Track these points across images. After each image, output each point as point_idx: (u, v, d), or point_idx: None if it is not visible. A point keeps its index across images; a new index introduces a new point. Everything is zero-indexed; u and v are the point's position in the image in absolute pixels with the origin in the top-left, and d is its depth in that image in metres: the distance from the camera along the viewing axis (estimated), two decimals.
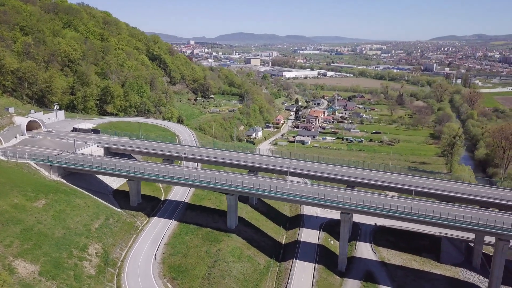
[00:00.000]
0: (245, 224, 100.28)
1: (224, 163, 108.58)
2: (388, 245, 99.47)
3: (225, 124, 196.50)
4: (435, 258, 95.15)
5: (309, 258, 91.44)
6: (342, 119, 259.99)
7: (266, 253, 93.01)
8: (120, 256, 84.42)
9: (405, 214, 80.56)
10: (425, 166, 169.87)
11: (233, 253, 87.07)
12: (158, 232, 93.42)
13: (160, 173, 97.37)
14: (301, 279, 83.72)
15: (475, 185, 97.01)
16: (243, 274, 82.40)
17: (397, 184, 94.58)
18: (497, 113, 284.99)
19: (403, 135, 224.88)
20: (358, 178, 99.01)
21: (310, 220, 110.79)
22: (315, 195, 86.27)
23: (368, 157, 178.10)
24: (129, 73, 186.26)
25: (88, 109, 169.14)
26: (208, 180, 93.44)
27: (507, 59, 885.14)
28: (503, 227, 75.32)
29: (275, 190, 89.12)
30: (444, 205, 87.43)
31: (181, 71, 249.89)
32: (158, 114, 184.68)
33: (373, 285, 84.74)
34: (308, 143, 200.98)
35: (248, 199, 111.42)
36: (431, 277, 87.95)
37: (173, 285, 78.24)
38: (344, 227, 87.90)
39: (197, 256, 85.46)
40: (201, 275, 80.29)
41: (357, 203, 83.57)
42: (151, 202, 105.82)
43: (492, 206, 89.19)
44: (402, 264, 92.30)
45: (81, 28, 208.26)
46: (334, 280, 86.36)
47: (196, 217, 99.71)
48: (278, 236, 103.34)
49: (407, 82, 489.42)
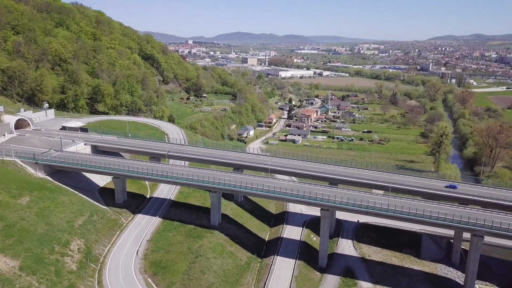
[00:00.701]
0: (228, 221, 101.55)
1: (209, 161, 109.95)
2: (370, 242, 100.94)
3: (217, 123, 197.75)
4: (415, 254, 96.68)
5: (291, 254, 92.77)
6: (334, 118, 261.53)
7: (249, 249, 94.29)
8: (102, 252, 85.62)
9: (382, 210, 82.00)
10: (414, 164, 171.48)
11: (214, 249, 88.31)
12: (142, 228, 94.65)
13: (144, 170, 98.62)
14: (281, 274, 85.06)
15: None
16: (224, 269, 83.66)
17: (377, 181, 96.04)
18: (489, 112, 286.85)
19: (394, 134, 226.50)
20: (340, 175, 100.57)
21: (295, 217, 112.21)
22: (295, 192, 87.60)
23: (357, 156, 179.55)
24: (121, 72, 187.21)
25: (79, 108, 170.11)
26: (191, 178, 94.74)
27: (503, 59, 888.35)
28: (476, 223, 76.88)
29: (256, 187, 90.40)
30: (423, 202, 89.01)
31: (174, 70, 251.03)
32: (149, 113, 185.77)
33: (352, 280, 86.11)
34: (299, 142, 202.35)
35: (233, 197, 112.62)
36: (410, 272, 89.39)
37: (153, 280, 79.48)
38: (324, 223, 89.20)
39: (179, 252, 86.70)
40: (182, 270, 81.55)
41: (335, 200, 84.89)
42: (136, 200, 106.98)
43: (470, 203, 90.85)
44: (382, 260, 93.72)
45: (74, 28, 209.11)
46: (314, 276, 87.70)
47: (180, 214, 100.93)
48: (262, 233, 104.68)
49: (402, 81, 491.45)
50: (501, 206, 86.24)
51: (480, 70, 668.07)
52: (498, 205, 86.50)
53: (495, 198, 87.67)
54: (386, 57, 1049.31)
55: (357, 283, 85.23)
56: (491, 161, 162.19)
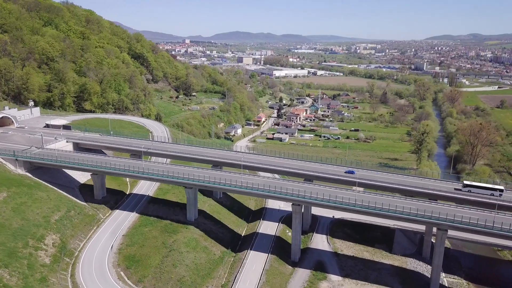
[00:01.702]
0: (205, 217, 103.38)
1: (188, 158, 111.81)
2: (344, 237, 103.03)
3: (204, 121, 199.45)
4: (387, 249, 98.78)
5: (264, 248, 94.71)
6: (323, 117, 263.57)
7: (223, 244, 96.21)
8: (78, 246, 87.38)
9: (349, 205, 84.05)
10: (397, 162, 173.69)
11: (188, 243, 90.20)
12: (119, 224, 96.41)
13: (122, 167, 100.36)
14: (252, 268, 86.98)
15: (425, 179, 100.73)
16: (196, 263, 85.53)
17: (347, 177, 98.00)
18: (478, 111, 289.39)
19: (381, 132, 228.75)
20: (314, 172, 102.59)
21: (272, 213, 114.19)
22: (267, 188, 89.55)
23: (341, 154, 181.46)
24: (108, 71, 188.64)
25: (66, 106, 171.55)
26: (167, 174, 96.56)
27: (498, 58, 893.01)
28: (439, 217, 79.00)
29: (229, 183, 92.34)
30: (396, 198, 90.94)
31: (164, 69, 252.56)
32: (136, 111, 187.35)
33: (322, 274, 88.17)
34: (286, 140, 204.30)
35: (212, 193, 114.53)
36: (379, 266, 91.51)
37: (126, 273, 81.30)
38: (296, 218, 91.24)
39: (153, 247, 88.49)
40: (155, 264, 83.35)
41: (305, 195, 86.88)
42: (116, 196, 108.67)
43: (439, 198, 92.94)
44: (354, 254, 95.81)
45: (62, 26, 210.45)
46: (285, 270, 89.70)
47: (158, 210, 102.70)
48: (239, 228, 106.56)
49: (395, 81, 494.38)
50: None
51: (474, 70, 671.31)
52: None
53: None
54: (382, 56, 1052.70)
55: (327, 277, 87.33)
56: (472, 159, 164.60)
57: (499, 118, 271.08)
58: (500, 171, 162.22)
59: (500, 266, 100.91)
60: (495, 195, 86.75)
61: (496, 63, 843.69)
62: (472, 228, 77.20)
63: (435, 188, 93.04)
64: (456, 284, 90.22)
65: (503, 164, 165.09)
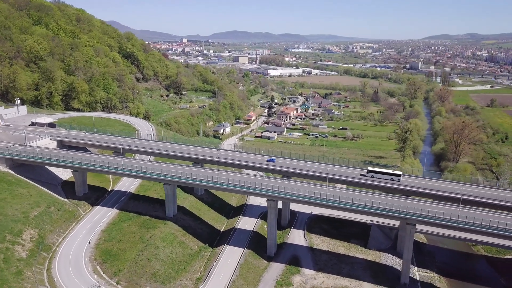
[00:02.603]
0: (184, 213, 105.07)
1: (168, 155, 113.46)
2: (321, 232, 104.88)
3: (192, 119, 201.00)
4: (363, 244, 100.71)
5: (241, 243, 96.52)
6: (313, 115, 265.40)
7: (201, 239, 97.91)
8: (56, 241, 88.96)
9: (321, 200, 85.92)
10: (382, 160, 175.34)
11: (165, 238, 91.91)
12: (98, 219, 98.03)
13: (103, 164, 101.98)
14: (227, 262, 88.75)
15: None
16: (172, 257, 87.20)
17: (322, 173, 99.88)
18: (467, 110, 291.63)
19: (369, 131, 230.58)
20: (292, 168, 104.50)
21: (252, 209, 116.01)
22: (242, 184, 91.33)
23: (328, 152, 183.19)
24: (97, 70, 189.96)
25: (54, 105, 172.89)
26: (145, 171, 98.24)
27: (493, 57, 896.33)
28: (406, 211, 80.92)
29: (206, 179, 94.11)
30: (371, 194, 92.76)
31: (154, 68, 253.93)
32: (125, 109, 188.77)
33: (296, 268, 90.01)
34: (274, 138, 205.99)
35: (193, 190, 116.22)
36: (353, 260, 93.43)
37: (101, 267, 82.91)
38: (271, 213, 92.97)
39: (130, 242, 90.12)
40: (130, 258, 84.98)
41: (278, 190, 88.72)
42: (97, 192, 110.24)
43: (413, 194, 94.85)
44: (329, 249, 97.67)
45: (52, 25, 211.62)
46: (260, 264, 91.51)
47: (138, 206, 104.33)
48: (218, 224, 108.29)
49: (389, 80, 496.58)
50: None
51: (468, 69, 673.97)
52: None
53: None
54: (379, 56, 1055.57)
55: (300, 270, 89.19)
56: (456, 156, 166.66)
57: (488, 117, 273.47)
58: (483, 169, 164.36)
59: (472, 260, 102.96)
60: (394, 179, 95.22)
61: (491, 62, 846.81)
62: (438, 222, 79.13)
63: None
64: (427, 278, 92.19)
65: (486, 162, 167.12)
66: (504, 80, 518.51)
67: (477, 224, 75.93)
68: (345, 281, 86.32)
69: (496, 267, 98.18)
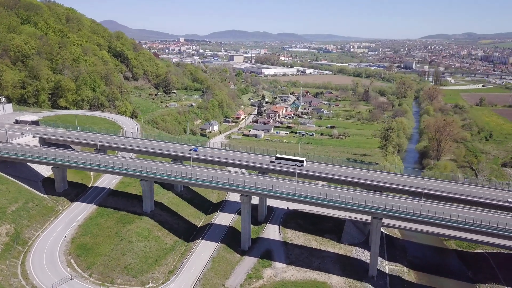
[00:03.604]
0: (162, 209, 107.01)
1: (148, 152, 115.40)
2: (296, 227, 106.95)
3: (180, 118, 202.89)
4: (336, 238, 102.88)
5: (216, 238, 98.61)
6: (303, 114, 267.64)
7: (177, 234, 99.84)
8: (33, 236, 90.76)
9: (290, 195, 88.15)
10: (365, 157, 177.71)
11: (140, 233, 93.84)
12: (76, 215, 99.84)
13: (82, 160, 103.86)
14: (200, 256, 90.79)
15: (372, 171, 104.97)
16: (145, 251, 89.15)
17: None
18: (456, 109, 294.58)
19: (357, 129, 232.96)
20: (267, 165, 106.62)
21: (231, 205, 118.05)
22: (215, 179, 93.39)
23: (313, 150, 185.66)
24: (85, 68, 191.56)
25: (41, 103, 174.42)
26: (121, 167, 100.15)
27: (488, 57, 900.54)
28: (372, 205, 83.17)
29: (180, 175, 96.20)
30: (343, 189, 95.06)
31: (144, 67, 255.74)
32: (112, 108, 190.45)
33: (268, 261, 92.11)
34: (261, 136, 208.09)
35: (173, 186, 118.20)
36: (324, 254, 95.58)
37: (76, 261, 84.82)
38: (244, 208, 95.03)
39: (106, 236, 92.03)
40: (105, 252, 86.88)
41: (250, 186, 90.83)
42: (77, 189, 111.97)
43: (384, 190, 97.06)
44: (302, 243, 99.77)
45: (41, 24, 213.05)
46: (233, 257, 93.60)
47: (116, 202, 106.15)
48: (196, 219, 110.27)
49: (382, 79, 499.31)
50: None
51: (462, 68, 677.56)
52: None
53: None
54: (375, 55, 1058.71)
55: (272, 264, 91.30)
56: (437, 154, 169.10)
57: (476, 116, 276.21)
58: (464, 166, 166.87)
59: (444, 254, 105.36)
60: (298, 165, 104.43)
61: (486, 61, 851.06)
62: (402, 216, 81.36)
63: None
64: (396, 271, 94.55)
65: (467, 159, 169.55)
66: (496, 79, 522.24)
67: (438, 218, 78.24)
68: (315, 274, 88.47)
69: (465, 261, 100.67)
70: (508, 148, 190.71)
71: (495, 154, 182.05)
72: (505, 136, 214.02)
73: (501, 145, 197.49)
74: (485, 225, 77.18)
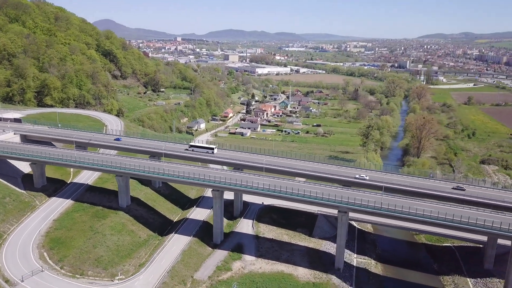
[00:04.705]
0: (138, 204, 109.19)
1: (126, 149, 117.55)
2: (269, 222, 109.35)
3: (166, 116, 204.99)
4: (308, 232, 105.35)
5: (189, 232, 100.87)
6: (291, 113, 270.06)
7: (152, 228, 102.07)
8: (8, 230, 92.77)
9: (258, 189, 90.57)
10: (347, 155, 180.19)
11: (114, 227, 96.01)
12: (52, 210, 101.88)
13: (59, 157, 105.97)
14: (171, 249, 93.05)
15: (342, 167, 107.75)
16: (118, 245, 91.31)
17: (272, 165, 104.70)
18: (443, 107, 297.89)
19: (343, 127, 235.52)
20: (242, 161, 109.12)
21: (207, 201, 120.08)
22: (186, 175, 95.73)
23: (296, 147, 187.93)
24: (72, 67, 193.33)
25: (27, 101, 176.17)
26: (97, 163, 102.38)
27: (483, 57, 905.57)
28: (335, 199, 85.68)
29: (153, 171, 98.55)
30: (312, 185, 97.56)
31: (133, 66, 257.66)
32: (99, 106, 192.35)
33: (238, 254, 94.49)
34: (247, 134, 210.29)
35: (151, 182, 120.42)
36: (294, 247, 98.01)
37: (48, 254, 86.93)
38: (216, 203, 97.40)
39: (80, 230, 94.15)
40: (77, 245, 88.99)
41: (221, 181, 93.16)
42: (55, 184, 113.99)
43: (353, 185, 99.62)
44: (273, 237, 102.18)
45: (29, 23, 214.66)
46: (204, 251, 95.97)
47: (93, 197, 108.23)
48: (172, 214, 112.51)
49: (375, 78, 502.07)
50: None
51: (456, 68, 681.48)
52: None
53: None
54: (371, 54, 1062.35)
55: (242, 257, 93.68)
56: (417, 151, 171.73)
57: (463, 114, 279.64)
58: (443, 163, 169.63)
59: (413, 248, 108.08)
60: (209, 152, 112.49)
61: (480, 61, 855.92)
62: (365, 210, 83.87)
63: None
64: (364, 264, 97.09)
65: (447, 157, 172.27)
66: (488, 78, 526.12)
67: (398, 211, 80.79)
68: (282, 266, 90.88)
69: (433, 254, 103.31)
70: (489, 145, 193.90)
71: (476, 152, 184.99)
72: (488, 134, 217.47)
73: (483, 142, 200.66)
74: (443, 217, 79.68)
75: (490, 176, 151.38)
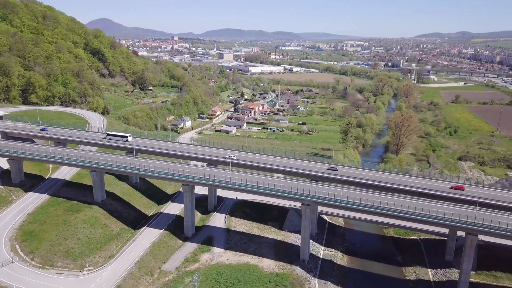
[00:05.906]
0: (113, 199, 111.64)
1: (99, 144, 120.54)
2: (242, 216, 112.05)
3: (152, 114, 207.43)
4: (279, 226, 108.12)
5: (161, 226, 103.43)
6: (279, 111, 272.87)
7: (125, 222, 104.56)
8: None
9: (225, 183, 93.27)
10: (329, 152, 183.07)
11: (87, 221, 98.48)
12: (28, 204, 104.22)
13: (35, 153, 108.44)
14: (142, 242, 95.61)
15: (311, 162, 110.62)
16: (89, 238, 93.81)
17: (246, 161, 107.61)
18: (430, 106, 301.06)
19: (328, 125, 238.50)
20: (216, 157, 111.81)
21: (183, 196, 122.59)
22: (156, 169, 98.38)
23: (279, 145, 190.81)
24: (57, 66, 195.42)
25: (12, 99, 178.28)
26: (72, 159, 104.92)
27: (477, 56, 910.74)
28: (297, 192, 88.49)
29: (124, 165, 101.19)
30: (283, 179, 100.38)
31: (121, 64, 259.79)
32: (84, 104, 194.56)
33: (208, 247, 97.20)
34: (233, 132, 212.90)
35: (128, 178, 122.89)
36: (262, 240, 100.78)
37: (20, 246, 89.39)
38: (186, 197, 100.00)
39: (53, 224, 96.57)
40: (49, 238, 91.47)
41: (190, 175, 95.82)
42: (33, 180, 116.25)
43: (321, 179, 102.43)
44: (244, 230, 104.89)
45: (16, 22, 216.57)
46: (174, 243, 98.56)
47: (69, 192, 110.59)
48: (147, 209, 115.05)
49: (367, 77, 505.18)
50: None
51: (449, 67, 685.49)
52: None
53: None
54: (367, 54, 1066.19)
55: (211, 249, 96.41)
56: (396, 148, 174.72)
57: (449, 112, 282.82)
58: (422, 160, 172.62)
59: (381, 241, 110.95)
60: (124, 140, 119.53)
61: (474, 60, 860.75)
62: (325, 202, 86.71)
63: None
64: (330, 256, 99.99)
65: (426, 154, 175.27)
66: (479, 77, 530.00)
67: (356, 203, 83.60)
68: (249, 258, 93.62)
69: (399, 247, 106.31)
70: (469, 143, 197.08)
71: (455, 149, 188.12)
72: (470, 132, 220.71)
73: (464, 140, 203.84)
74: (405, 210, 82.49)
75: (465, 172, 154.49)
